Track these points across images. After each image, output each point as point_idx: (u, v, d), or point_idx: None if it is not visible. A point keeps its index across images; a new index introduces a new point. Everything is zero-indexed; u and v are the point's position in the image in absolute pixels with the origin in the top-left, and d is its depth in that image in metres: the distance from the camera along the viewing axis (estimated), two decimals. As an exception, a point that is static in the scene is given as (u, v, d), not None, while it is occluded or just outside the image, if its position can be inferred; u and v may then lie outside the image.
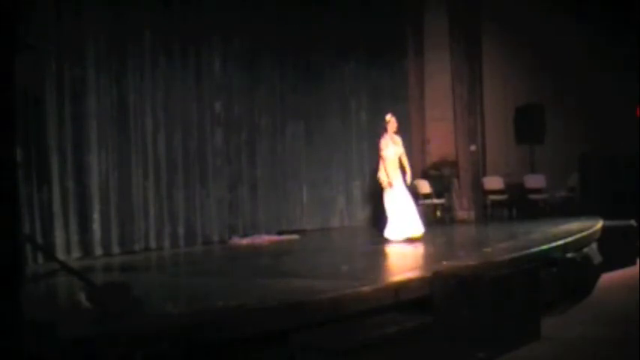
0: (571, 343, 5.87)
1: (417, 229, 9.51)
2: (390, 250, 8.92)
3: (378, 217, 10.05)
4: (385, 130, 9.75)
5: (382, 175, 9.64)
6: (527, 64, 14.80)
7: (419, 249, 9.24)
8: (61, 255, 7.93)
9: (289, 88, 11.70)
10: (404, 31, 14.14)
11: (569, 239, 8.39)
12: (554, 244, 7.87)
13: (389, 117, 9.81)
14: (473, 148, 14.44)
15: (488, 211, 14.22)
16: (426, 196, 13.69)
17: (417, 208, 9.87)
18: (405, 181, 9.70)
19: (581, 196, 13.68)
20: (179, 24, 9.84)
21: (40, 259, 7.68)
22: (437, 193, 13.80)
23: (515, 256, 6.92)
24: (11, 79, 3.48)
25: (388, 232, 9.49)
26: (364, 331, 4.81)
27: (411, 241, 9.32)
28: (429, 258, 8.36)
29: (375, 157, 10.23)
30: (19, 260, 3.59)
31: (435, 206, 13.91)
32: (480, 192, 14.26)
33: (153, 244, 9.41)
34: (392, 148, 9.66)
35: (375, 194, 10.51)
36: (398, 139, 9.75)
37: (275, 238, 10.65)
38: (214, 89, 10.41)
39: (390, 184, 9.52)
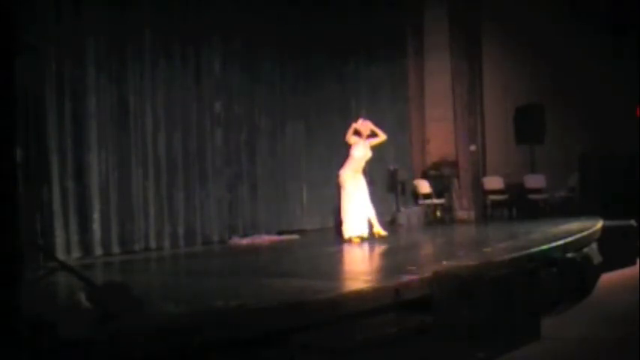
0: (571, 343, 5.87)
1: (376, 229, 9.90)
2: (390, 250, 8.93)
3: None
4: (360, 133, 10.05)
5: (342, 173, 9.94)
6: (527, 64, 14.80)
7: (419, 249, 9.25)
8: (61, 255, 7.91)
9: (289, 88, 11.70)
10: (404, 31, 14.16)
11: (569, 239, 8.40)
12: (554, 244, 7.87)
13: (361, 121, 10.17)
14: (473, 148, 14.45)
15: (488, 211, 14.23)
16: (426, 196, 13.71)
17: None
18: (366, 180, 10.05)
19: (581, 196, 13.68)
20: (179, 24, 9.83)
21: (40, 259, 7.66)
22: (437, 193, 13.81)
23: (515, 256, 6.92)
24: (11, 79, 3.48)
25: (347, 231, 9.75)
26: (364, 331, 4.81)
27: (362, 240, 9.65)
28: (428, 258, 8.36)
29: (373, 157, 10.24)
30: (19, 260, 3.59)
31: (435, 206, 13.92)
32: (480, 192, 14.27)
33: (153, 244, 9.40)
34: (362, 150, 9.93)
35: (374, 194, 10.57)
36: (368, 141, 10.00)
37: (275, 238, 10.65)
38: (214, 89, 10.40)
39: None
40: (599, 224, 10.20)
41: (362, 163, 9.96)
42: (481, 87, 14.65)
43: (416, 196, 13.89)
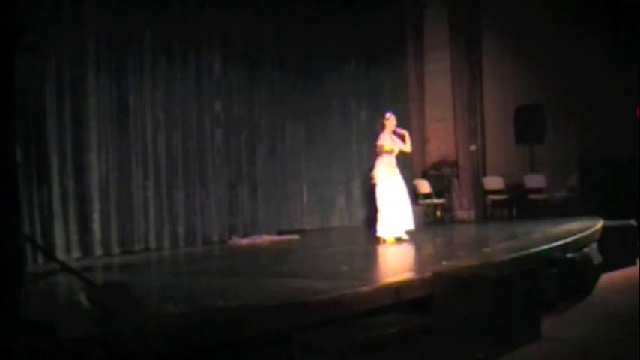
0: (571, 343, 5.87)
1: (407, 228, 9.45)
2: (390, 250, 8.92)
3: (375, 217, 10.04)
4: (384, 127, 9.70)
5: (376, 172, 9.63)
6: (527, 63, 14.78)
7: (418, 249, 9.24)
8: (61, 255, 7.92)
9: (289, 88, 11.70)
10: (404, 31, 14.15)
11: (569, 239, 8.39)
12: (554, 244, 7.87)
13: (389, 115, 9.80)
14: (473, 148, 14.44)
15: (488, 211, 14.22)
16: (426, 196, 13.71)
17: (416, 208, 9.83)
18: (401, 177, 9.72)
19: (581, 196, 13.67)
20: (179, 24, 9.84)
21: (40, 259, 7.68)
22: (437, 193, 13.81)
23: (515, 256, 6.92)
24: (11, 79, 3.48)
25: (380, 230, 9.43)
26: (364, 331, 4.80)
27: (400, 240, 9.31)
28: (429, 258, 8.36)
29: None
30: (19, 260, 3.59)
31: (435, 206, 13.92)
32: (480, 192, 14.27)
33: (153, 244, 9.41)
34: (389, 145, 9.63)
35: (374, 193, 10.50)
36: (395, 138, 9.71)
37: (275, 238, 10.65)
38: (214, 89, 10.41)
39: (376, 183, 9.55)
40: (599, 224, 10.19)
41: (393, 158, 9.62)
42: (481, 87, 14.64)
43: (416, 196, 13.88)
